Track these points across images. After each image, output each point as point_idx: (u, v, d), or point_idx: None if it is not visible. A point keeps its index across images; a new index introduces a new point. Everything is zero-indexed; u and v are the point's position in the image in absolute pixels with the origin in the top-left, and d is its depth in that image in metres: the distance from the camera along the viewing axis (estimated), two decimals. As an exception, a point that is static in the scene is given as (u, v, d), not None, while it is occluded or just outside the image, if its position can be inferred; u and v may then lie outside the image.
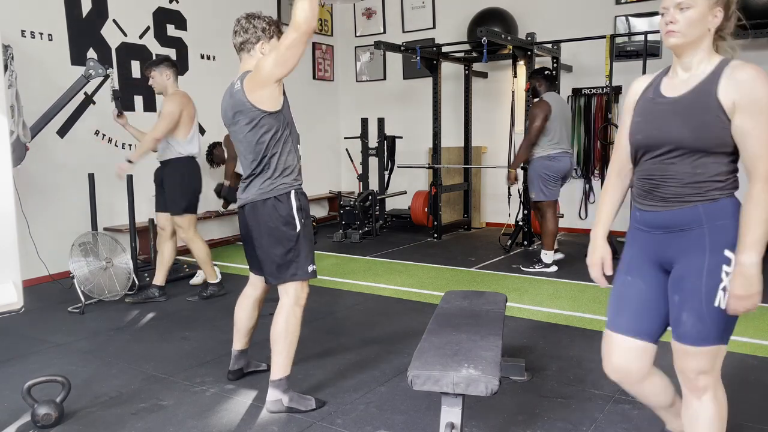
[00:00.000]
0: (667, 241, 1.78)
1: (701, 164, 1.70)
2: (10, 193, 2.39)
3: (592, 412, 2.55)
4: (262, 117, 2.48)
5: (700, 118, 1.68)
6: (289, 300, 2.60)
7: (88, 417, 2.61)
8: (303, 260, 2.59)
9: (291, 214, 2.55)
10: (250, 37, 2.59)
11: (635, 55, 6.24)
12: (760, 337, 3.41)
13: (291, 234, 2.55)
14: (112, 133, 5.51)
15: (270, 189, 2.53)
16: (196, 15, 6.23)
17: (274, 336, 2.60)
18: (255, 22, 2.61)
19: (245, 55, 2.62)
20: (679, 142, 1.70)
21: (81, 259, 4.27)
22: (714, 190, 1.70)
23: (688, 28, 1.70)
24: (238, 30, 2.62)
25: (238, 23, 2.62)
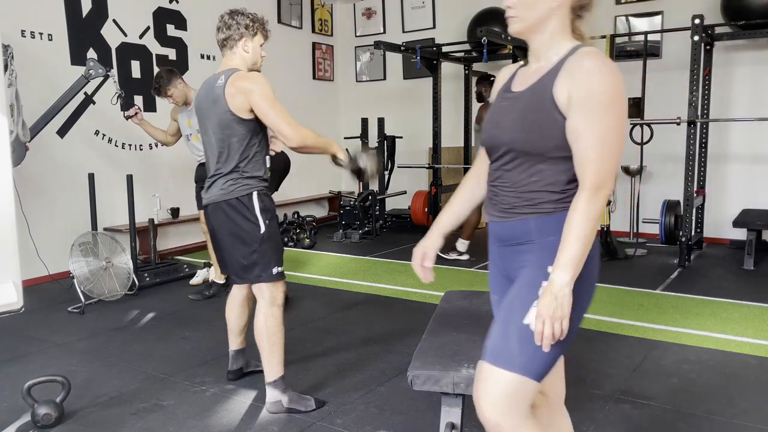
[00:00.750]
0: (508, 255, 1.55)
1: (537, 171, 1.44)
2: (10, 193, 2.39)
3: (592, 412, 2.55)
4: (234, 121, 2.47)
5: (533, 117, 1.43)
6: (265, 302, 2.58)
7: (88, 417, 2.61)
8: (267, 262, 2.55)
9: (254, 214, 2.51)
10: (233, 34, 2.55)
11: (635, 55, 6.24)
12: (760, 337, 3.41)
13: (255, 235, 2.52)
14: (112, 133, 5.51)
15: (232, 189, 2.50)
16: (196, 15, 6.23)
17: (258, 339, 2.59)
18: (238, 19, 2.56)
19: (228, 51, 2.59)
20: (512, 144, 1.46)
21: (81, 259, 4.27)
22: (547, 203, 1.45)
23: (525, 10, 1.43)
24: (221, 26, 2.58)
25: (221, 19, 2.59)
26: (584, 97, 1.35)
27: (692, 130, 5.04)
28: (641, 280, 4.71)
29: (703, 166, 5.76)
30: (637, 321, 3.73)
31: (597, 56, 1.39)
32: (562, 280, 1.36)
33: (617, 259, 5.43)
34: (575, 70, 1.38)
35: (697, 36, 4.94)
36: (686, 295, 4.28)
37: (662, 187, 6.22)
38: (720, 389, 2.76)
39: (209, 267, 4.98)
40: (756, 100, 5.80)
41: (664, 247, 5.83)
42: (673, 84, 5.99)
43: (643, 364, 3.07)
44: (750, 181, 5.92)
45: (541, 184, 1.45)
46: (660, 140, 5.82)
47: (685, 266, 5.09)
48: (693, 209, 5.28)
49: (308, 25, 7.77)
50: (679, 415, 2.52)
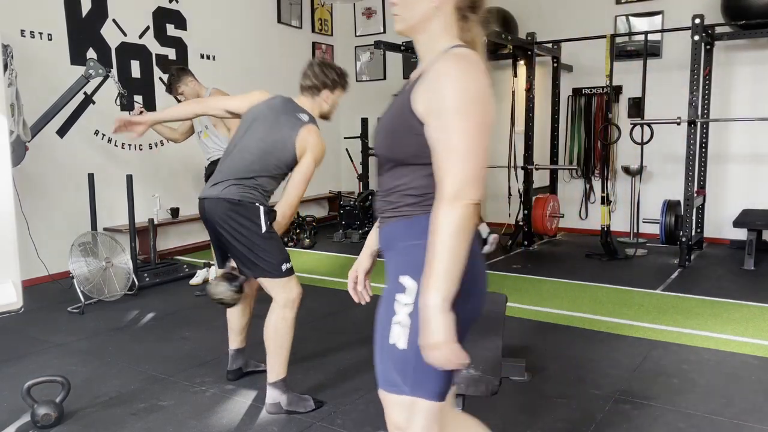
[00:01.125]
0: (386, 264, 1.48)
1: (401, 176, 1.38)
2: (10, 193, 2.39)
3: (592, 412, 2.55)
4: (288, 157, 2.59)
5: (395, 123, 1.37)
6: (277, 303, 2.59)
7: (88, 417, 2.61)
8: (274, 259, 2.55)
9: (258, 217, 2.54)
10: (318, 84, 2.66)
11: (635, 55, 6.24)
12: (760, 337, 3.41)
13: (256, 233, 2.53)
14: (111, 133, 5.50)
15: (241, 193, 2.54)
16: (196, 15, 6.22)
17: (267, 338, 2.60)
18: (327, 72, 2.67)
19: (307, 95, 2.69)
20: (378, 149, 1.41)
21: (81, 259, 4.27)
22: (406, 206, 1.38)
23: (405, 9, 1.35)
24: (309, 74, 2.67)
25: (310, 67, 2.68)
26: (436, 103, 1.27)
27: (692, 130, 5.04)
28: (641, 280, 4.71)
29: (703, 166, 5.75)
30: (637, 321, 3.73)
31: (455, 59, 1.29)
32: (431, 303, 1.24)
33: (617, 259, 5.43)
34: (431, 75, 1.30)
35: (697, 36, 4.94)
36: (686, 295, 4.27)
37: (662, 187, 6.22)
38: (720, 389, 2.76)
39: (209, 267, 4.98)
40: (756, 100, 5.80)
41: (664, 247, 5.83)
42: (673, 84, 5.99)
43: (643, 364, 3.07)
44: (750, 181, 5.92)
45: (402, 188, 1.38)
46: (660, 140, 5.82)
47: (686, 266, 5.09)
48: (693, 209, 5.27)
49: (308, 25, 7.77)
50: (679, 415, 2.52)
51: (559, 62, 6.44)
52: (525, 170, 6.05)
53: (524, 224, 6.04)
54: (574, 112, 6.72)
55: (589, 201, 6.78)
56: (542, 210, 6.12)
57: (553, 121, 6.55)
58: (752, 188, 5.90)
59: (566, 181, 6.85)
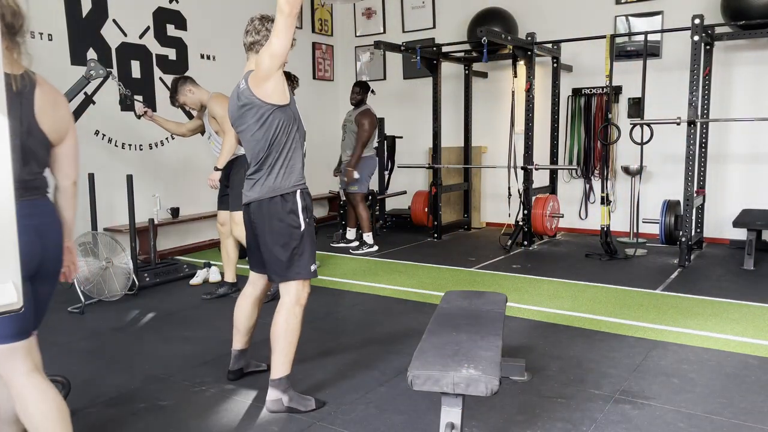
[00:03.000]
0: None
1: None
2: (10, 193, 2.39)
3: (592, 412, 2.55)
4: (271, 111, 2.49)
5: None
6: (290, 299, 2.60)
7: (88, 417, 2.61)
8: (306, 259, 2.59)
9: (296, 212, 2.56)
10: (261, 39, 2.60)
11: (635, 55, 6.24)
12: (760, 337, 3.41)
13: (296, 233, 2.56)
14: (112, 133, 5.51)
15: (276, 187, 2.54)
16: (196, 15, 6.23)
17: (274, 335, 2.60)
18: (268, 25, 2.61)
19: (253, 54, 2.63)
20: None
21: (81, 259, 4.27)
22: None
23: None
24: (250, 30, 2.63)
25: (251, 23, 2.63)
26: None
27: (692, 130, 5.04)
28: (641, 280, 4.71)
29: (703, 166, 5.76)
30: (637, 321, 3.73)
31: None
32: None
33: (617, 259, 5.43)
34: None
35: (697, 36, 4.94)
36: (686, 295, 4.28)
37: (662, 187, 6.22)
38: (720, 389, 2.76)
39: (209, 267, 4.98)
40: (756, 100, 5.80)
41: (664, 247, 5.83)
42: (673, 84, 5.99)
43: (643, 364, 3.07)
44: (750, 181, 5.92)
45: None
46: (660, 140, 5.82)
47: (685, 266, 5.09)
48: (693, 209, 5.27)
49: (308, 25, 7.78)
50: (679, 415, 2.52)
51: (559, 62, 6.44)
52: (525, 170, 6.05)
53: (524, 224, 6.04)
54: (573, 112, 6.73)
55: (589, 201, 6.78)
56: (542, 210, 6.12)
57: (553, 121, 6.55)
58: (752, 188, 5.91)
59: (566, 181, 6.85)
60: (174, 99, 4.37)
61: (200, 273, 4.95)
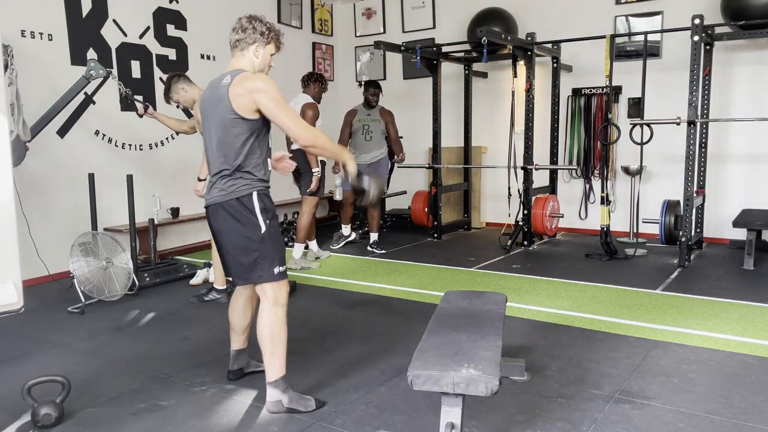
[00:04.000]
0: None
1: None
2: (10, 193, 2.39)
3: (592, 412, 2.55)
4: (236, 120, 2.47)
5: None
6: (269, 301, 2.58)
7: (88, 417, 2.61)
8: (270, 262, 2.55)
9: (254, 214, 2.52)
10: (246, 37, 2.60)
11: (635, 55, 6.24)
12: (760, 337, 3.41)
13: (255, 235, 2.52)
14: (112, 133, 5.51)
15: (232, 190, 2.51)
16: (196, 15, 6.23)
17: (261, 339, 2.58)
18: (255, 24, 2.62)
19: (238, 52, 2.62)
20: None
21: (81, 259, 4.27)
22: None
23: None
24: (237, 28, 2.64)
25: (238, 21, 2.65)
26: None
27: (692, 130, 5.04)
28: (641, 280, 4.71)
29: (703, 166, 5.76)
30: (637, 321, 3.73)
31: None
32: None
33: (617, 259, 5.43)
34: None
35: (697, 36, 4.94)
36: (686, 295, 4.27)
37: (662, 187, 6.22)
38: (720, 389, 2.76)
39: (209, 267, 4.98)
40: (756, 100, 5.80)
41: (664, 247, 5.83)
42: (673, 84, 5.99)
43: (643, 364, 3.07)
44: (750, 181, 5.92)
45: None
46: (660, 140, 5.82)
47: (685, 266, 5.09)
48: (693, 209, 5.27)
49: (308, 25, 7.77)
50: (679, 415, 2.52)
51: (559, 62, 6.44)
52: (525, 170, 6.05)
53: (524, 224, 6.04)
54: (573, 112, 6.73)
55: (589, 201, 6.78)
56: (542, 210, 6.12)
57: (553, 121, 6.55)
58: (752, 188, 5.91)
59: (566, 181, 6.85)
60: (168, 96, 4.33)
61: (200, 273, 4.95)
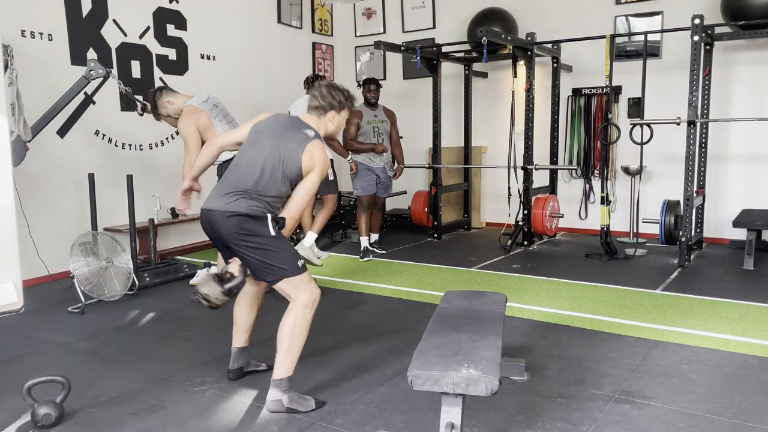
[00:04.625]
0: None
1: None
2: (10, 193, 2.39)
3: (592, 412, 2.56)
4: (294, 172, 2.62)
5: None
6: (299, 304, 2.60)
7: (88, 417, 2.61)
8: (290, 257, 2.60)
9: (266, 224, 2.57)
10: (326, 105, 2.76)
11: (635, 55, 6.24)
12: (760, 337, 3.41)
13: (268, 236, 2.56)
14: (112, 133, 5.51)
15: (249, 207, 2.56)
16: (196, 15, 6.22)
17: (281, 335, 2.60)
18: (335, 94, 2.78)
19: (315, 114, 2.78)
20: None
21: (81, 259, 4.27)
22: None
23: None
24: (317, 95, 2.79)
25: (317, 88, 2.79)
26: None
27: (692, 130, 5.04)
28: (641, 280, 4.72)
29: (703, 166, 5.76)
30: (637, 321, 3.73)
31: None
32: None
33: (617, 259, 5.43)
34: None
35: (697, 36, 4.94)
36: (686, 295, 4.28)
37: (662, 187, 6.22)
38: (720, 389, 2.76)
39: (209, 267, 4.98)
40: (756, 100, 5.80)
41: (664, 247, 5.83)
42: (673, 84, 5.99)
43: (643, 364, 3.07)
44: (750, 181, 5.92)
45: None
46: (660, 140, 5.82)
47: (685, 266, 5.09)
48: (693, 209, 5.27)
49: (308, 25, 7.77)
50: (679, 415, 2.52)
51: (559, 62, 6.44)
52: (525, 170, 6.05)
53: (524, 224, 6.04)
54: (573, 112, 6.72)
55: (589, 201, 6.78)
56: (542, 210, 6.12)
57: (553, 121, 6.55)
58: (752, 188, 5.91)
59: (566, 181, 6.85)
60: (157, 114, 4.24)
61: (200, 273, 4.95)
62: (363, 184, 5.73)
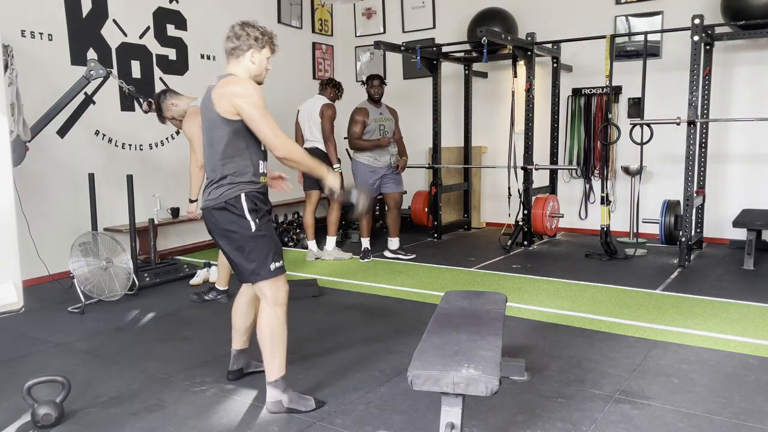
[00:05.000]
0: None
1: None
2: (10, 193, 2.39)
3: (592, 412, 2.56)
4: (220, 122, 2.49)
5: None
6: (267, 301, 2.59)
7: (88, 417, 2.61)
8: (263, 258, 2.56)
9: (243, 216, 2.53)
10: (241, 44, 2.60)
11: (635, 55, 6.24)
12: (760, 337, 3.41)
13: (246, 234, 2.54)
14: (112, 133, 5.51)
15: (220, 195, 2.54)
16: (196, 15, 6.22)
17: (260, 340, 2.59)
18: (248, 30, 2.62)
19: (233, 60, 2.62)
20: None
21: (81, 259, 4.27)
22: None
23: None
24: (230, 36, 2.63)
25: (231, 29, 2.65)
26: None
27: (692, 130, 5.04)
28: (641, 280, 4.71)
29: (703, 166, 5.76)
30: (637, 321, 3.73)
31: None
32: None
33: (617, 259, 5.43)
34: None
35: (697, 36, 4.94)
36: (686, 295, 4.28)
37: (662, 187, 6.22)
38: (720, 389, 2.76)
39: (209, 267, 4.98)
40: (756, 100, 5.80)
41: (664, 247, 5.83)
42: (673, 84, 5.99)
43: (643, 364, 3.07)
44: (750, 181, 5.92)
45: None
46: (660, 140, 5.82)
47: (685, 266, 5.09)
48: (693, 209, 5.27)
49: (308, 25, 7.78)
50: (679, 415, 2.52)
51: (559, 62, 6.44)
52: (525, 170, 6.05)
53: (524, 224, 6.04)
54: (573, 112, 6.72)
55: (589, 201, 6.78)
56: (542, 210, 6.12)
57: (553, 121, 6.55)
58: (752, 188, 5.91)
59: (566, 181, 6.85)
60: (161, 117, 4.25)
61: (200, 273, 4.95)
62: (364, 185, 5.68)
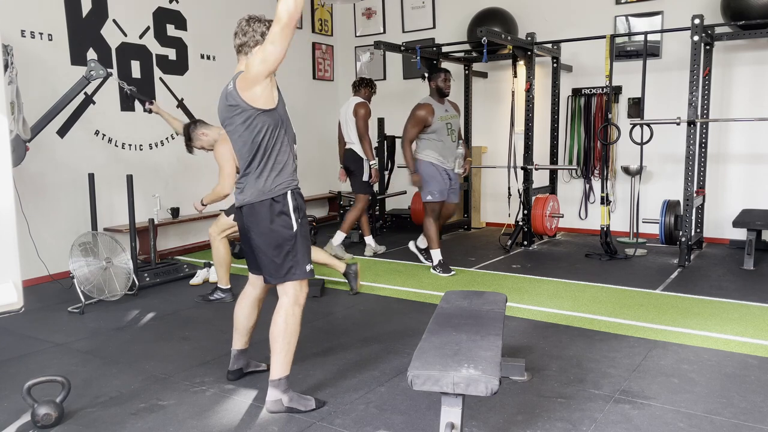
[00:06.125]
0: None
1: None
2: (10, 193, 2.39)
3: (592, 412, 2.56)
4: (256, 115, 2.49)
5: None
6: (288, 300, 2.61)
7: (88, 417, 2.61)
8: (300, 260, 2.59)
9: (288, 214, 2.56)
10: (248, 40, 2.60)
11: (635, 55, 6.24)
12: (760, 337, 3.41)
13: (288, 234, 2.56)
14: (112, 133, 5.51)
15: (267, 190, 2.54)
16: (196, 15, 6.22)
17: (273, 336, 2.60)
18: (255, 26, 2.61)
19: (242, 56, 2.62)
20: None
21: (81, 259, 4.27)
22: None
23: None
24: (238, 32, 2.63)
25: (238, 25, 2.64)
26: None
27: (692, 130, 5.04)
28: (641, 280, 4.71)
29: (703, 166, 5.76)
30: (637, 321, 3.73)
31: None
32: None
33: (617, 259, 5.43)
34: None
35: (697, 36, 4.94)
36: (686, 295, 4.28)
37: (662, 187, 6.22)
38: (720, 389, 2.76)
39: (209, 267, 4.98)
40: (756, 100, 5.80)
41: (664, 247, 5.83)
42: (673, 84, 5.99)
43: (643, 364, 3.07)
44: (750, 181, 5.92)
45: None
46: (660, 140, 5.82)
47: (685, 266, 5.09)
48: (693, 209, 5.27)
49: (308, 25, 7.77)
50: (679, 415, 2.52)
51: (559, 62, 6.44)
52: (525, 170, 6.05)
53: (524, 224, 6.04)
54: (573, 112, 6.72)
55: (589, 201, 6.78)
56: (542, 210, 6.12)
57: (553, 121, 6.55)
58: (752, 188, 5.91)
59: (566, 181, 6.85)
60: (190, 146, 4.24)
61: (200, 273, 4.95)
62: (439, 187, 5.03)
